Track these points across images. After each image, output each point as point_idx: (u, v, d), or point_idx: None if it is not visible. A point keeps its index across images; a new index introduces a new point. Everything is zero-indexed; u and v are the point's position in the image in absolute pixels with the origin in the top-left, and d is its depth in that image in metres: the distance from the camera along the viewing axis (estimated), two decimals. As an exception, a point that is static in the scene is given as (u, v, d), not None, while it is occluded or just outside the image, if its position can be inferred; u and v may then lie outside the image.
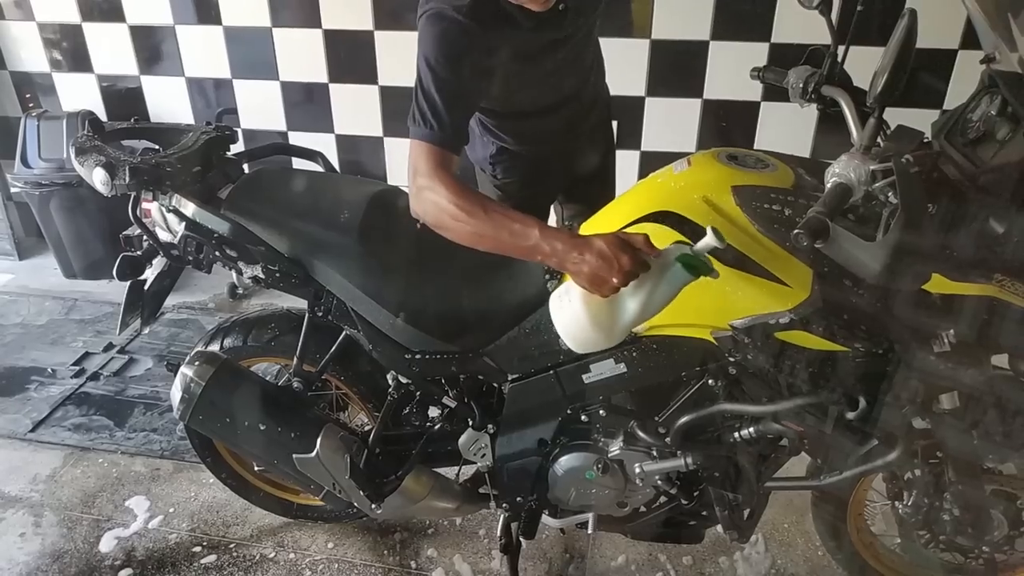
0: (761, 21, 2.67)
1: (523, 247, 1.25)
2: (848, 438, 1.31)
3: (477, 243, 1.30)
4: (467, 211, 1.27)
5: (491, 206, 1.28)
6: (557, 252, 1.21)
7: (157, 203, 1.50)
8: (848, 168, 1.05)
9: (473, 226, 1.27)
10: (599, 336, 1.25)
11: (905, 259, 0.96)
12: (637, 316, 1.21)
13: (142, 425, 2.46)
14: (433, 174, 1.32)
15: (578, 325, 1.24)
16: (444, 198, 1.28)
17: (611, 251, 1.15)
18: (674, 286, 1.19)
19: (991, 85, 1.24)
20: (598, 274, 1.16)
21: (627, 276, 1.16)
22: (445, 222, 1.30)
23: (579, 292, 1.23)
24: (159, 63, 3.23)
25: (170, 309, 3.12)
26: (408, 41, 2.85)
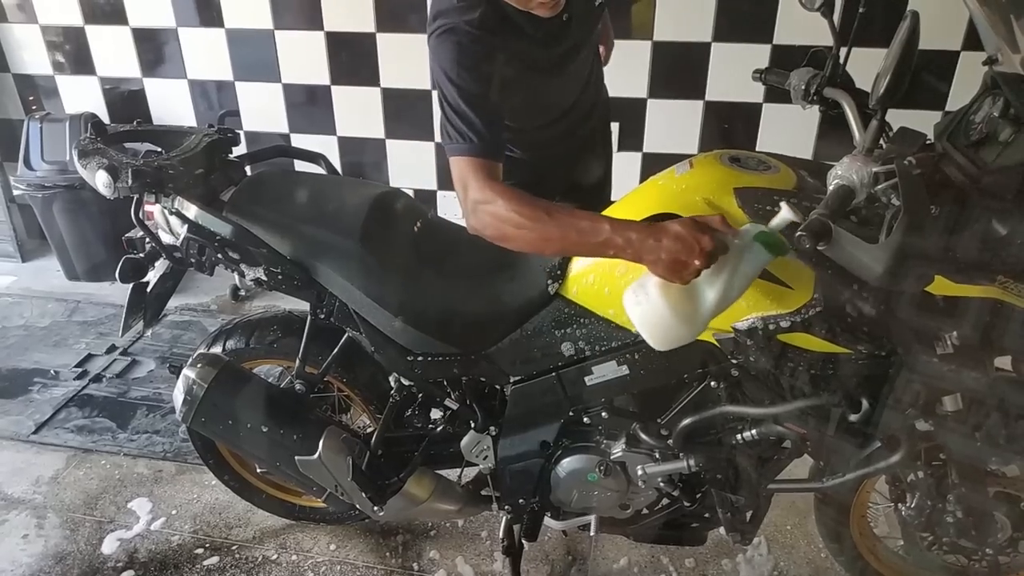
0: (763, 23, 2.67)
1: (593, 243, 1.21)
2: (850, 440, 1.30)
3: (544, 248, 1.28)
4: (530, 217, 1.24)
5: (553, 208, 1.25)
6: (632, 243, 1.17)
7: (159, 205, 1.50)
8: (850, 170, 1.05)
9: (539, 232, 1.24)
10: (681, 328, 1.18)
11: (907, 261, 0.95)
12: (719, 302, 1.15)
13: (145, 427, 2.47)
14: (485, 186, 1.29)
15: (659, 318, 1.17)
16: (504, 208, 1.26)
17: (689, 233, 1.11)
18: (754, 267, 1.15)
19: (993, 87, 1.23)
20: (678, 258, 1.12)
21: (708, 257, 1.11)
22: (508, 233, 1.27)
23: (656, 283, 1.17)
24: (161, 65, 3.24)
25: (173, 311, 3.13)
26: (410, 43, 2.90)
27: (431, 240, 1.53)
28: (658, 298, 1.17)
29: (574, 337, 1.41)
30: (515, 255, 1.51)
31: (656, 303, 1.17)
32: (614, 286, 1.34)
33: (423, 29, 2.89)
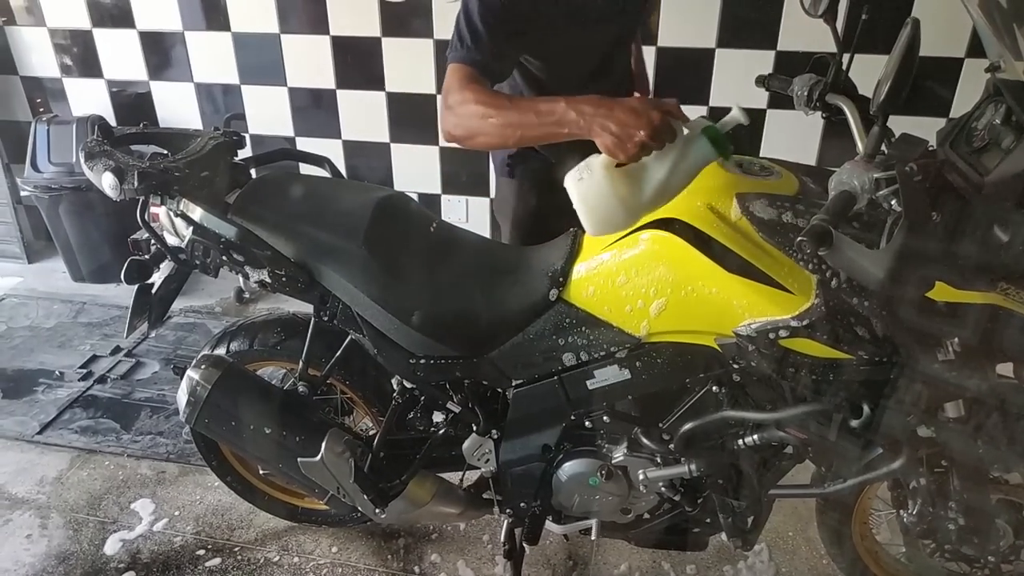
0: (767, 29, 2.68)
1: (551, 122, 1.23)
2: (852, 446, 1.30)
3: (510, 136, 1.30)
4: (494, 105, 1.28)
5: (515, 97, 1.32)
6: (585, 115, 1.18)
7: (165, 207, 1.51)
8: (852, 176, 1.05)
9: (503, 117, 1.27)
10: (617, 210, 1.17)
11: (908, 267, 0.96)
12: (658, 189, 1.16)
13: (148, 428, 2.47)
14: (462, 87, 1.34)
15: (598, 196, 1.17)
16: (471, 102, 1.30)
17: (642, 107, 1.13)
18: (696, 162, 1.17)
19: (996, 94, 1.24)
20: (627, 130, 1.13)
21: (655, 132, 1.12)
22: (476, 126, 1.30)
23: (601, 160, 1.18)
24: (168, 69, 3.26)
25: (177, 313, 3.14)
26: (414, 48, 2.91)
27: (434, 243, 1.53)
28: (600, 175, 1.17)
29: (576, 341, 1.41)
30: (515, 258, 1.52)
31: (598, 179, 1.17)
32: (615, 292, 1.34)
33: (428, 34, 2.94)
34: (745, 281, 1.22)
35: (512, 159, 1.82)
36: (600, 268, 1.37)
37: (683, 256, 1.27)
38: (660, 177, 1.16)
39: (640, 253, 1.32)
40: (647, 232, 1.31)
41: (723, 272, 1.23)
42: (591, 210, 1.19)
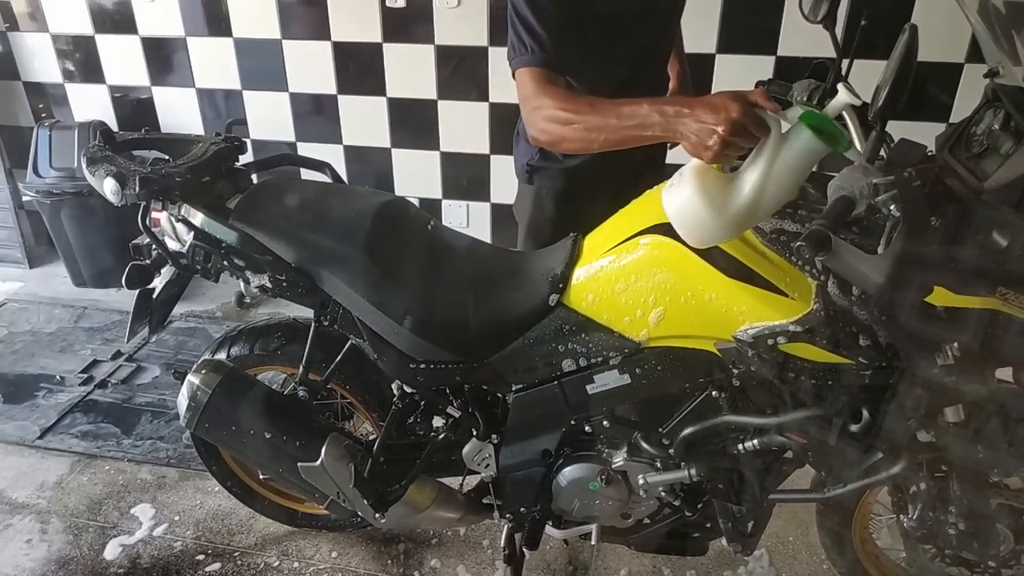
0: (767, 34, 2.69)
1: (632, 124, 1.19)
2: (852, 451, 1.31)
3: (594, 140, 1.26)
4: (575, 110, 1.27)
5: (597, 100, 1.27)
6: (667, 115, 1.13)
7: (166, 213, 1.52)
8: (851, 181, 1.05)
9: (585, 122, 1.25)
10: (714, 220, 1.07)
11: (906, 272, 0.96)
12: (756, 193, 1.05)
13: (149, 433, 2.48)
14: (540, 92, 1.33)
15: (690, 207, 1.09)
16: (552, 108, 1.29)
17: (720, 101, 1.06)
18: (800, 157, 1.03)
19: (995, 99, 1.24)
20: (705, 127, 1.06)
21: (735, 126, 1.04)
22: (560, 132, 1.30)
23: (692, 166, 1.11)
24: (170, 74, 3.27)
25: (178, 318, 3.14)
26: (416, 53, 2.92)
27: (435, 249, 1.54)
28: (689, 180, 1.09)
29: (576, 346, 1.42)
30: (515, 263, 1.53)
31: (687, 187, 1.09)
32: (615, 298, 1.35)
33: (429, 39, 2.95)
34: (744, 286, 1.23)
35: (531, 166, 1.80)
36: (600, 273, 1.37)
37: (682, 261, 1.27)
38: (755, 178, 1.05)
39: (639, 258, 1.32)
40: (647, 237, 1.32)
41: (722, 277, 1.24)
42: (682, 220, 1.13)
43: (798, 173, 1.06)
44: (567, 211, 1.78)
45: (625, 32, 1.60)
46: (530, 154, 1.77)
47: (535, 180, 1.80)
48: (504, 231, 3.23)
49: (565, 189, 1.77)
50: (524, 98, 1.38)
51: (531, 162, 1.78)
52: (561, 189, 1.77)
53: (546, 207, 1.80)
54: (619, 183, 1.64)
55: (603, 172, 1.70)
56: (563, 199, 1.78)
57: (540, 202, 1.81)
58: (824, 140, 1.01)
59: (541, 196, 1.81)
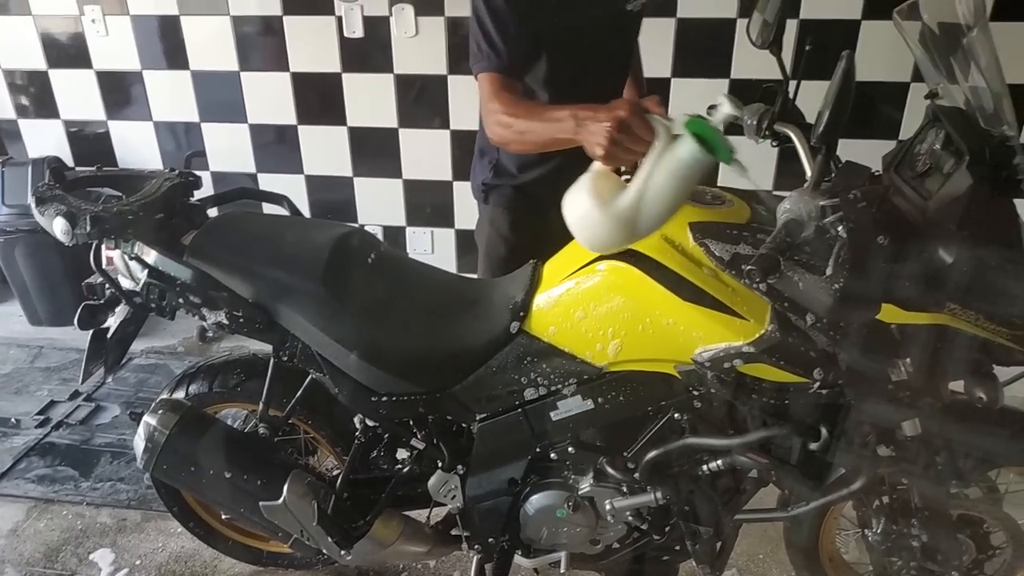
0: (721, 58, 2.74)
1: (555, 129, 1.28)
2: (813, 469, 1.32)
3: (529, 143, 1.41)
4: (515, 115, 1.39)
5: (535, 105, 1.44)
6: (578, 118, 1.21)
7: (119, 251, 1.49)
8: (798, 204, 1.07)
9: (519, 125, 1.38)
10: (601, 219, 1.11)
11: (853, 291, 0.98)
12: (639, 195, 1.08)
13: (108, 475, 2.41)
14: (494, 96, 1.45)
15: (580, 205, 1.14)
16: (501, 112, 1.42)
17: (615, 104, 1.14)
18: (681, 163, 1.06)
19: (935, 120, 1.28)
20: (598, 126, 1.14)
21: (620, 124, 1.11)
22: (504, 134, 1.43)
23: (589, 172, 1.17)
24: (126, 108, 3.23)
25: (138, 354, 3.08)
26: (375, 83, 2.93)
27: (394, 280, 1.53)
28: (584, 184, 1.15)
29: (538, 373, 1.41)
30: (475, 292, 1.53)
31: (581, 189, 1.15)
32: (575, 327, 1.35)
33: (388, 69, 2.95)
34: (701, 309, 1.24)
35: (486, 184, 1.83)
36: (559, 300, 1.38)
37: (639, 286, 1.28)
38: (639, 182, 1.09)
39: (597, 284, 1.33)
40: (604, 263, 1.33)
41: (679, 301, 1.25)
42: (577, 223, 1.16)
43: (680, 180, 1.08)
44: (522, 229, 1.83)
45: (582, 48, 1.64)
46: (484, 174, 1.81)
47: (490, 199, 1.83)
48: (469, 257, 3.23)
49: (519, 206, 1.81)
50: (482, 100, 1.50)
51: (486, 181, 1.81)
52: (515, 206, 1.81)
53: (501, 226, 1.84)
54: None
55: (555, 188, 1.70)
56: (518, 216, 1.82)
57: (496, 221, 1.84)
58: (706, 149, 1.05)
59: (496, 215, 1.84)
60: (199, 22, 2.99)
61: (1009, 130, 1.14)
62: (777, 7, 1.37)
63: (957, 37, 1.22)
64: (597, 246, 1.19)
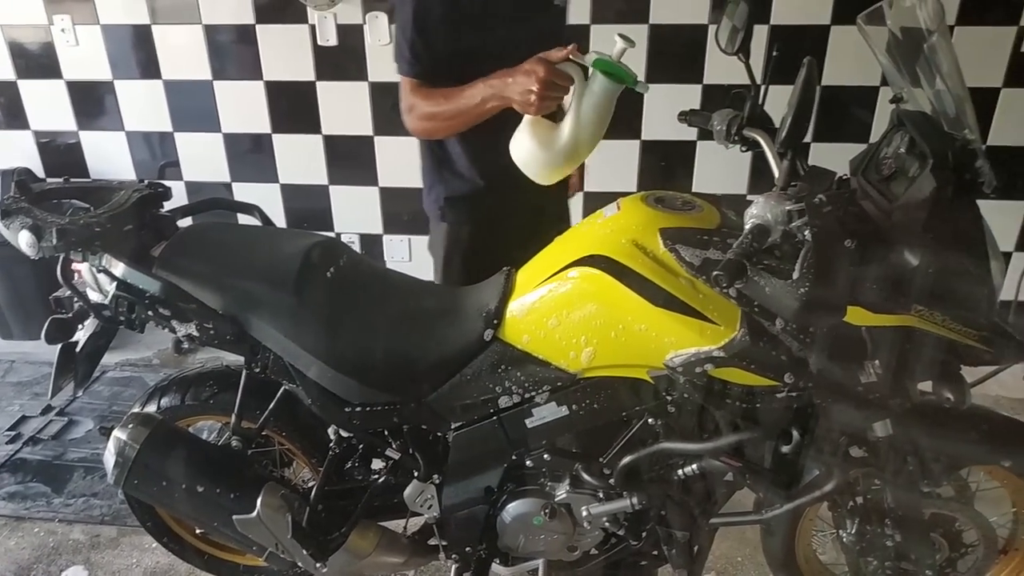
0: (693, 64, 2.77)
1: (478, 103, 1.47)
2: (785, 471, 1.32)
3: (454, 124, 1.57)
4: (435, 104, 1.56)
5: (449, 90, 1.53)
6: (495, 88, 1.42)
7: (87, 264, 1.47)
8: (765, 209, 1.08)
9: (444, 112, 1.55)
10: (547, 157, 1.38)
11: (819, 296, 0.98)
12: (574, 131, 1.35)
13: (82, 490, 2.38)
14: (412, 95, 1.60)
15: (526, 149, 1.39)
16: (422, 107, 1.59)
17: (531, 65, 1.35)
18: (599, 95, 1.32)
19: (900, 124, 1.30)
20: (525, 88, 1.35)
21: (545, 84, 1.33)
22: (426, 125, 1.61)
23: (526, 119, 1.41)
24: (98, 118, 3.20)
25: (112, 367, 3.04)
26: (350, 91, 2.92)
27: (366, 289, 1.52)
28: (525, 129, 1.40)
29: (513, 380, 1.41)
30: (449, 300, 1.52)
31: (523, 135, 1.40)
32: (549, 335, 1.35)
33: (363, 77, 2.95)
34: (672, 314, 1.24)
35: (448, 199, 1.83)
36: (532, 308, 1.38)
37: (611, 293, 1.28)
38: (570, 118, 1.35)
39: (570, 291, 1.33)
40: (576, 270, 1.33)
41: (650, 307, 1.25)
42: (524, 162, 1.42)
43: (602, 108, 1.34)
44: (483, 245, 1.84)
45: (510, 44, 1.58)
46: (439, 191, 1.84)
47: (447, 216, 1.85)
48: (447, 264, 3.23)
49: (480, 219, 1.84)
50: (402, 100, 1.64)
51: (448, 195, 1.82)
52: (477, 221, 1.84)
53: (461, 240, 1.86)
54: (525, 209, 1.79)
55: (510, 198, 1.74)
56: (478, 229, 1.85)
57: (455, 236, 1.86)
58: (615, 80, 1.30)
59: (457, 230, 1.85)
60: (171, 31, 2.97)
61: (970, 133, 1.16)
62: (745, 14, 1.38)
63: (919, 42, 1.23)
64: (548, 179, 1.44)
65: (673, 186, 2.97)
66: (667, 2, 2.72)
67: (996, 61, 2.68)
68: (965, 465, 1.50)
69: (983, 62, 2.69)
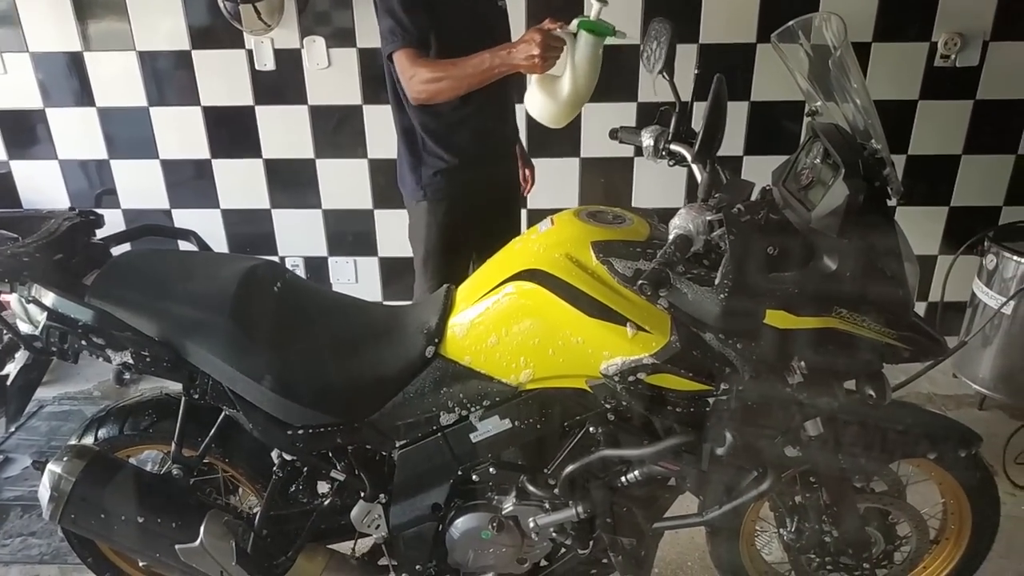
0: (627, 84, 2.84)
1: (485, 68, 1.79)
2: (722, 473, 1.36)
3: (463, 86, 1.84)
4: (443, 69, 1.83)
5: (455, 60, 1.82)
6: (502, 56, 1.77)
7: (16, 294, 1.44)
8: (687, 220, 1.12)
9: (452, 75, 1.82)
10: (556, 105, 1.79)
11: (736, 301, 1.03)
12: (572, 82, 1.74)
13: (19, 529, 2.30)
14: (413, 64, 1.84)
15: (538, 101, 1.81)
16: (426, 72, 1.84)
17: (529, 35, 1.73)
18: (588, 48, 1.70)
19: (815, 136, 1.36)
20: (528, 54, 1.72)
21: (544, 47, 1.70)
22: (436, 87, 1.84)
23: (533, 79, 1.82)
24: (30, 147, 3.12)
25: (50, 401, 2.95)
26: (289, 114, 2.91)
27: (304, 310, 1.52)
28: (535, 87, 1.82)
29: (456, 396, 1.43)
30: (389, 319, 1.53)
31: (534, 91, 1.83)
32: (488, 352, 1.38)
33: (302, 100, 2.95)
34: (606, 325, 1.28)
35: (436, 174, 2.06)
36: (472, 325, 1.40)
37: (547, 306, 1.31)
38: (568, 70, 1.74)
39: (507, 306, 1.36)
40: (512, 284, 1.36)
41: (585, 318, 1.28)
42: (538, 110, 1.83)
43: (592, 59, 1.72)
44: (457, 220, 2.12)
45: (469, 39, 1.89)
46: (420, 172, 2.08)
47: (429, 192, 2.09)
48: (394, 284, 3.23)
49: (457, 196, 2.09)
50: (401, 71, 1.87)
51: (428, 177, 2.07)
52: (454, 197, 2.09)
53: (440, 221, 2.10)
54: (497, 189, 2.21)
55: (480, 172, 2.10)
56: (455, 206, 2.10)
57: (435, 213, 2.10)
58: (598, 34, 1.69)
59: (436, 207, 2.09)
60: (104, 58, 2.93)
61: (876, 143, 1.22)
62: (667, 34, 1.43)
63: (827, 59, 1.30)
64: (561, 121, 1.84)
65: (613, 201, 3.04)
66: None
67: (912, 75, 2.82)
68: (894, 460, 1.57)
69: (901, 76, 2.83)
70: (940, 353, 1.37)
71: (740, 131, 2.86)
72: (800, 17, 1.34)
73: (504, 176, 2.28)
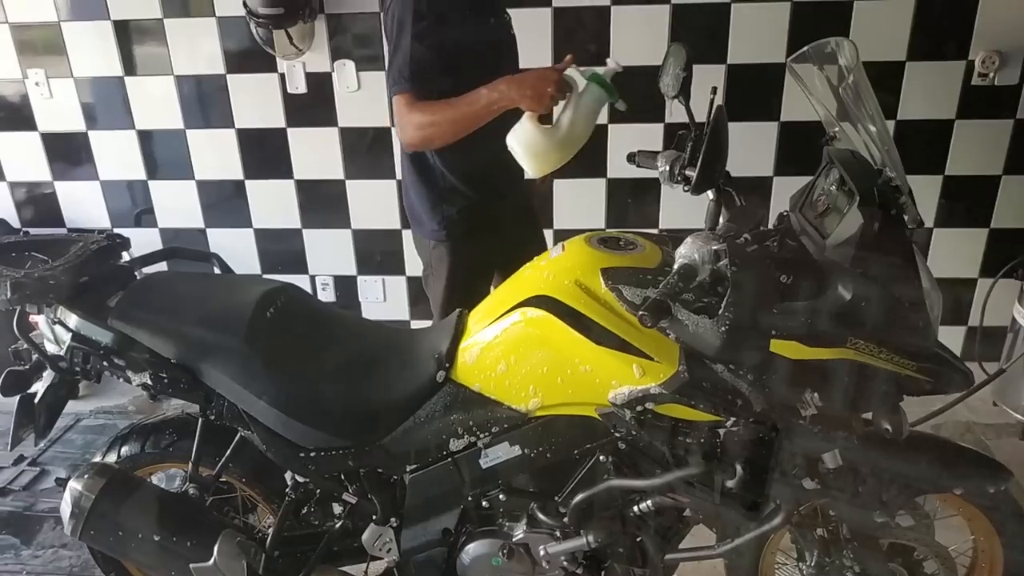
0: (655, 105, 2.81)
1: (482, 106, 1.67)
2: (735, 505, 1.33)
3: (458, 129, 1.72)
4: (437, 112, 1.70)
5: (449, 100, 1.70)
6: (502, 90, 1.66)
7: (43, 316, 1.49)
8: (692, 249, 1.11)
9: (447, 118, 1.70)
10: (544, 147, 1.64)
11: (738, 332, 1.01)
12: (570, 125, 1.63)
13: (51, 541, 2.35)
14: (410, 109, 1.72)
15: (529, 139, 1.63)
16: (420, 117, 1.71)
17: (543, 72, 1.68)
18: (592, 101, 1.63)
19: (831, 162, 1.34)
20: (538, 89, 1.64)
21: (558, 85, 1.64)
22: (429, 133, 1.74)
23: (526, 116, 1.65)
24: (73, 168, 3.22)
25: (87, 415, 3.03)
26: (319, 136, 2.96)
27: (319, 333, 1.54)
28: (528, 124, 1.64)
29: (466, 421, 1.43)
30: (401, 343, 1.54)
31: (526, 127, 1.64)
32: (498, 379, 1.39)
33: (332, 122, 3.00)
34: (615, 353, 1.27)
35: (444, 220, 1.94)
36: (481, 352, 1.40)
37: (556, 333, 1.31)
38: (569, 115, 1.64)
39: (517, 333, 1.36)
40: (521, 311, 1.35)
41: (593, 346, 1.27)
42: (525, 151, 1.65)
43: (592, 113, 1.65)
44: (477, 251, 1.99)
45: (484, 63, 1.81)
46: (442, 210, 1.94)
47: (446, 231, 1.95)
48: (422, 304, 3.24)
49: (474, 229, 1.96)
50: (398, 115, 1.76)
51: (445, 216, 1.94)
52: (471, 230, 1.96)
53: (459, 255, 1.97)
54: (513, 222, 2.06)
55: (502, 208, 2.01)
56: (472, 238, 1.97)
57: (453, 250, 1.96)
58: (605, 91, 1.62)
59: (453, 244, 1.96)
60: (144, 82, 3.02)
61: (890, 171, 1.19)
62: (684, 58, 1.42)
63: (841, 83, 1.28)
64: (541, 167, 1.69)
65: (640, 223, 3.02)
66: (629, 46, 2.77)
67: (949, 94, 2.75)
68: (917, 494, 1.51)
69: (937, 95, 2.76)
70: (965, 385, 1.32)
71: (770, 151, 2.82)
72: (814, 42, 1.32)
73: (522, 200, 2.16)
